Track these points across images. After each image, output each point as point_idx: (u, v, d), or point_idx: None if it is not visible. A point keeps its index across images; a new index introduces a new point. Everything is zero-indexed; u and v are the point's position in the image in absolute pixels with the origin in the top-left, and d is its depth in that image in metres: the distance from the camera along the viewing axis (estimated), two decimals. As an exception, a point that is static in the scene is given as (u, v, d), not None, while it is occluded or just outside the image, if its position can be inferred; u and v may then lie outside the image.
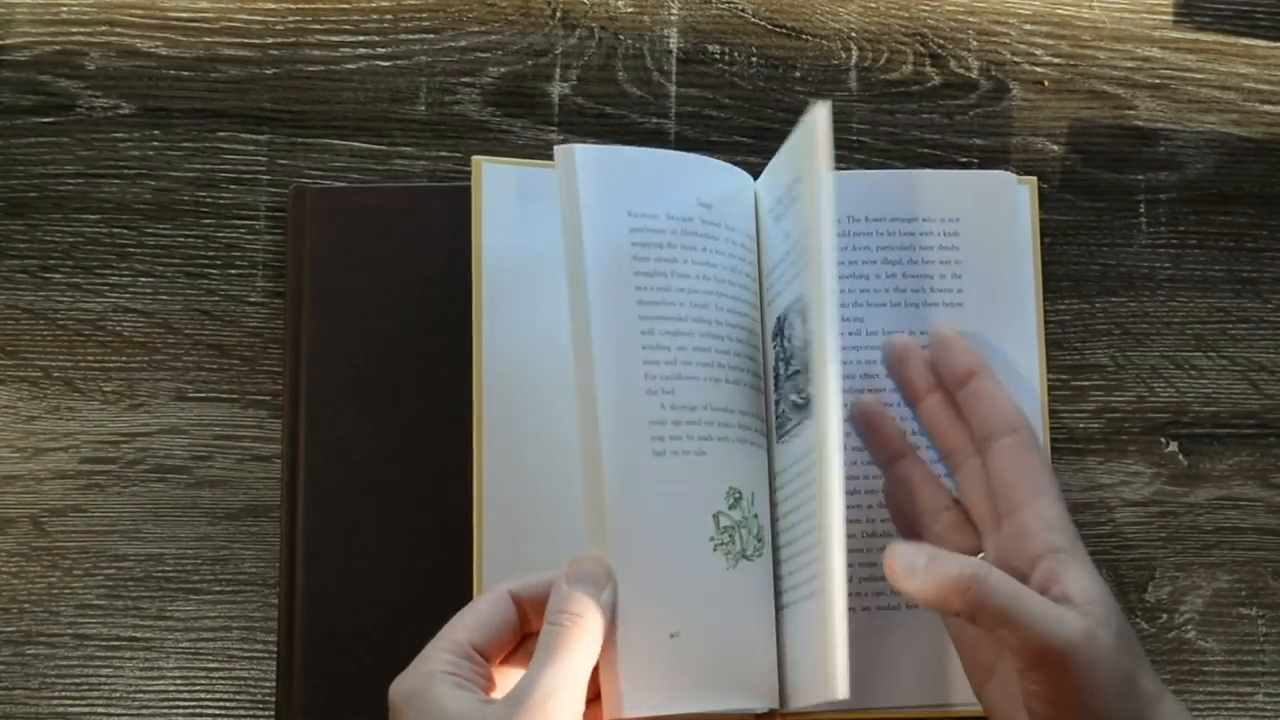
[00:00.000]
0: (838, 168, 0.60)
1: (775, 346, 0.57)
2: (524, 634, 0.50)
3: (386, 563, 0.58)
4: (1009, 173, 0.60)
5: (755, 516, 0.55)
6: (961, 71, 0.65)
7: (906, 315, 0.59)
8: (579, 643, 0.48)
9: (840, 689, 0.48)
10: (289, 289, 0.60)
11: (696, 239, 0.55)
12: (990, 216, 0.59)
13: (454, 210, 0.60)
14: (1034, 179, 0.62)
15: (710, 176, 0.57)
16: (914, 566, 0.50)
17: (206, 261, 0.63)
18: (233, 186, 0.63)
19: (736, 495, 0.54)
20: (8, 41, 0.64)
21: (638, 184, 0.55)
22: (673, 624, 0.52)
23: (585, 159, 0.54)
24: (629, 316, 0.53)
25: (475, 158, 0.59)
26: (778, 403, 0.56)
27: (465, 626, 0.48)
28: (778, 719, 0.55)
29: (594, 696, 0.50)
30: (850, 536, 0.51)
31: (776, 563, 0.56)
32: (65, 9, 0.64)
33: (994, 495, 0.53)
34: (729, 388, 0.55)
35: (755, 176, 0.59)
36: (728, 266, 0.56)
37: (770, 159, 0.61)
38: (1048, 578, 0.50)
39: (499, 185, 0.59)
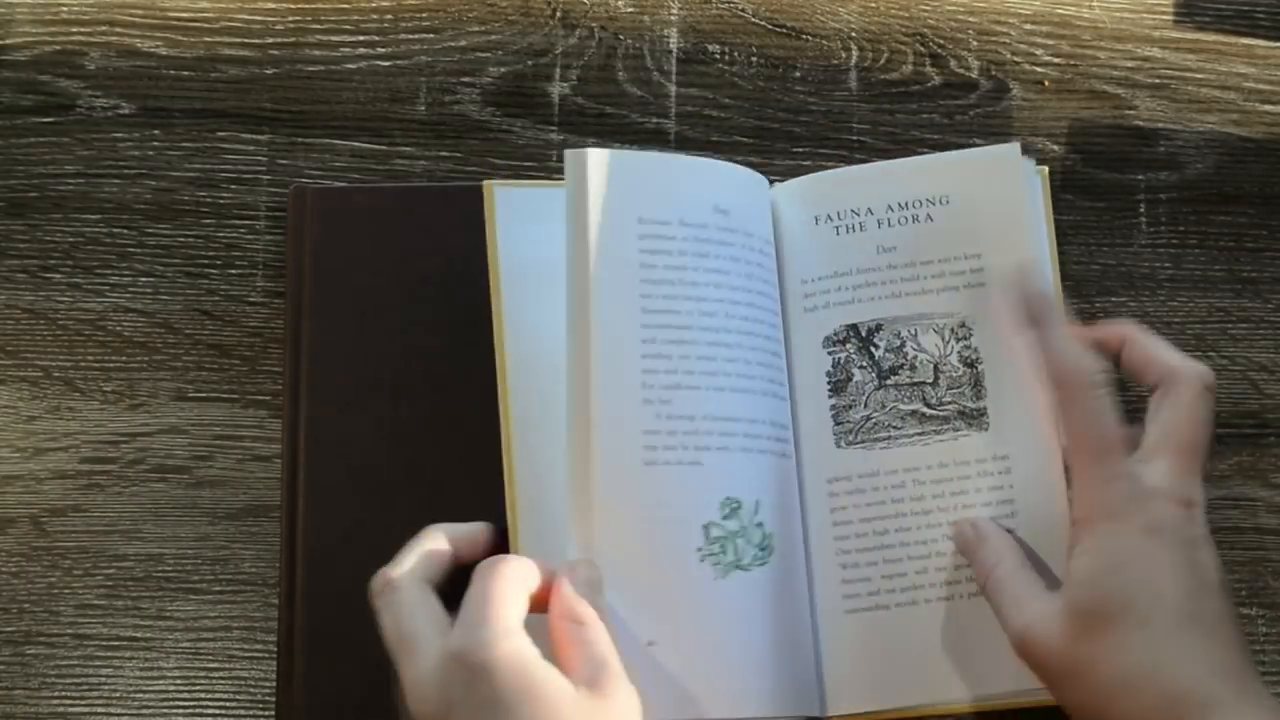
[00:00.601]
0: (829, 167, 0.60)
1: (842, 352, 0.58)
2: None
3: (387, 563, 0.58)
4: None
5: (759, 525, 0.55)
6: (961, 71, 0.65)
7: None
8: (609, 641, 0.49)
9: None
10: (289, 289, 0.60)
11: (710, 246, 0.55)
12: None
13: (454, 210, 0.60)
14: (1045, 168, 0.61)
15: (729, 182, 0.57)
16: (966, 544, 0.55)
17: (206, 261, 0.63)
18: (233, 186, 0.63)
19: (734, 505, 0.54)
20: (8, 41, 0.64)
21: (651, 190, 0.55)
22: (650, 632, 0.52)
23: (597, 163, 0.54)
24: (631, 325, 0.54)
25: (486, 183, 0.58)
26: (844, 409, 0.57)
27: (523, 596, 0.49)
28: None
29: None
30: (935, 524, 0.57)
31: (843, 566, 0.57)
32: (65, 9, 0.64)
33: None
34: (735, 396, 0.55)
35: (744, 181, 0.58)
36: (744, 273, 0.56)
37: (772, 159, 0.61)
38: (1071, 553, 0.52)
39: (511, 207, 0.58)
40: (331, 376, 0.60)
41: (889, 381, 0.58)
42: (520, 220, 0.58)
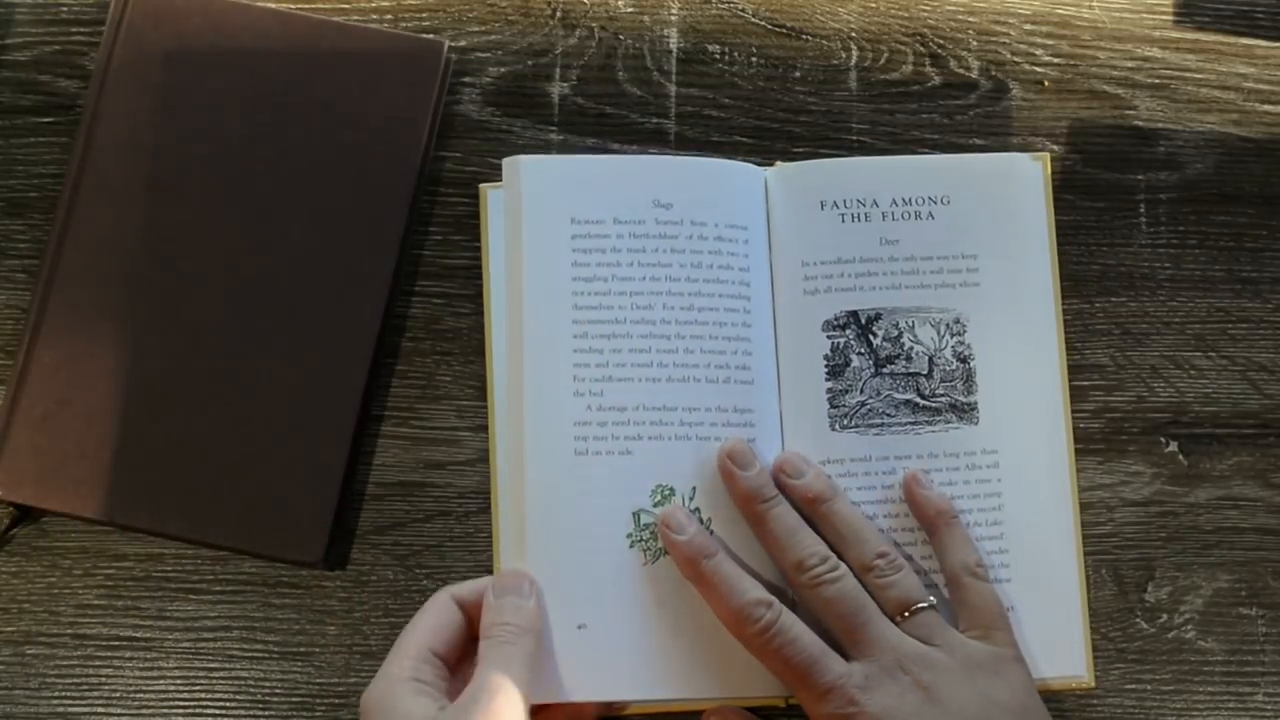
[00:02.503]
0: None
1: (841, 337, 0.59)
2: (473, 635, 0.53)
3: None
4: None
5: (695, 511, 0.56)
6: (961, 71, 0.65)
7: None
8: (513, 649, 0.51)
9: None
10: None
11: (648, 240, 0.57)
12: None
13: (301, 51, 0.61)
14: (1046, 155, 0.62)
15: (672, 176, 0.59)
16: None
17: (206, 261, 0.62)
18: (233, 186, 0.63)
19: (667, 492, 0.56)
20: (8, 41, 0.64)
21: (584, 191, 0.57)
22: (581, 616, 0.55)
23: (530, 169, 0.57)
24: (563, 321, 0.56)
25: (481, 185, 0.61)
26: (841, 393, 0.59)
27: (423, 630, 0.52)
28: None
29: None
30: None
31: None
32: (65, 9, 0.64)
33: None
34: (672, 386, 0.56)
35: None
36: (689, 263, 0.57)
37: (772, 158, 0.61)
38: None
39: (502, 207, 0.60)
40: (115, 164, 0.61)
41: (885, 370, 0.59)
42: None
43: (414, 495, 0.61)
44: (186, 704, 0.59)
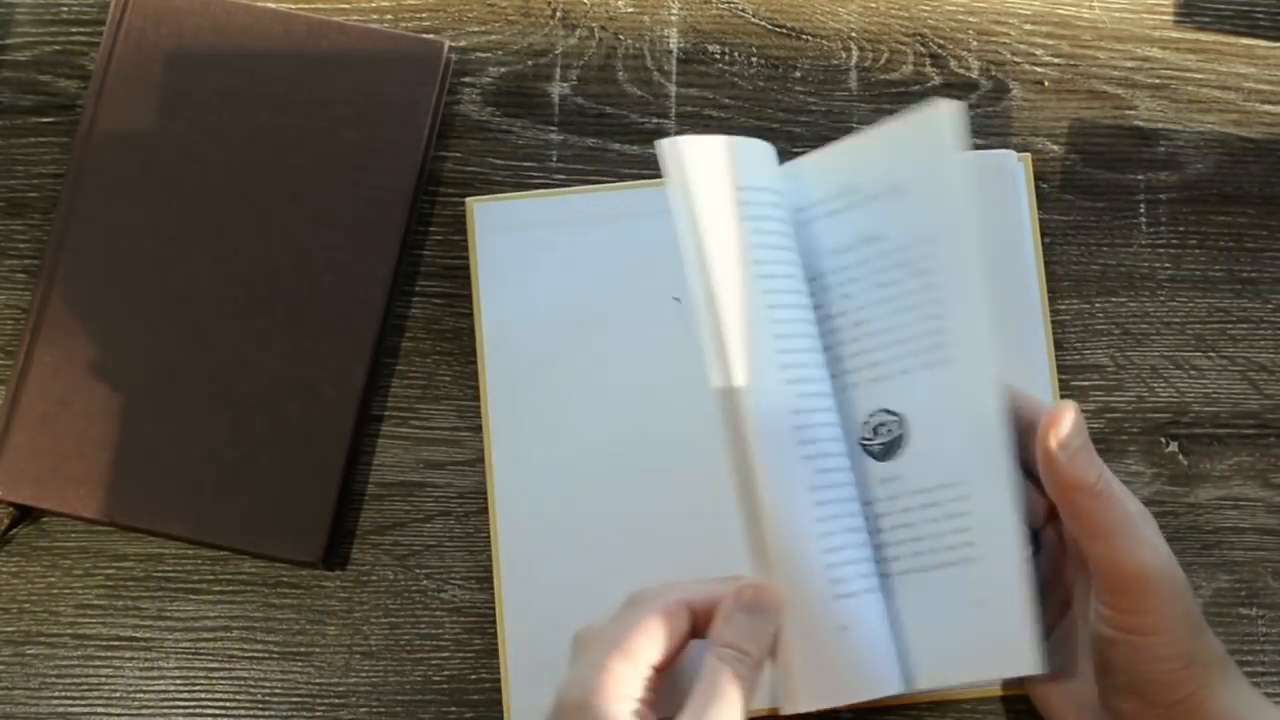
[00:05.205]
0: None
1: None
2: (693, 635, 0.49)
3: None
4: (1009, 151, 0.61)
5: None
6: (961, 71, 0.65)
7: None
8: (743, 684, 0.47)
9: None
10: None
11: (787, 235, 0.56)
12: (989, 193, 0.59)
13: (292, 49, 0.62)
14: (1029, 155, 0.62)
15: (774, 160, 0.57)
16: (1069, 443, 0.51)
17: (206, 261, 0.62)
18: (233, 186, 0.63)
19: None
20: (8, 41, 0.64)
21: (757, 170, 0.55)
22: (841, 618, 0.51)
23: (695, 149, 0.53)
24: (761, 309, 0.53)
25: (469, 199, 0.61)
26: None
27: (655, 648, 0.47)
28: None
29: None
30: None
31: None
32: (65, 9, 0.64)
33: None
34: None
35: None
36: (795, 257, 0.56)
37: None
38: None
39: (490, 221, 0.61)
40: (113, 169, 0.61)
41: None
42: (497, 231, 0.61)
43: (414, 495, 0.61)
44: (186, 704, 0.59)
